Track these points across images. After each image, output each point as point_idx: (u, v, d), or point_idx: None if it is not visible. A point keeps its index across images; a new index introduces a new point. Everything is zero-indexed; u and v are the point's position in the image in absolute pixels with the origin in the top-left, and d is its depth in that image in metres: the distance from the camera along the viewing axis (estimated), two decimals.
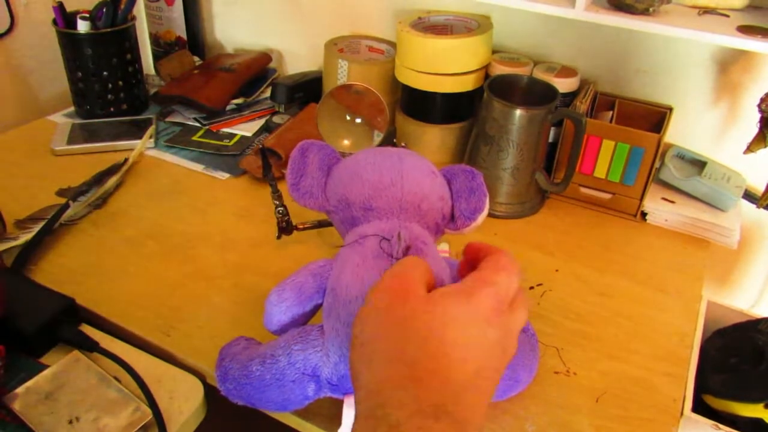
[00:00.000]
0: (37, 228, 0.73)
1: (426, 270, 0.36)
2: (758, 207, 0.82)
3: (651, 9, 0.74)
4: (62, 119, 1.03)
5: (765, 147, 0.76)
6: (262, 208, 0.82)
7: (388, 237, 0.47)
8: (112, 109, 1.02)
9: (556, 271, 0.75)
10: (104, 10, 0.96)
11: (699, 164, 0.87)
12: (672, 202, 0.85)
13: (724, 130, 0.88)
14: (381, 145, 0.90)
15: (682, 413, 0.58)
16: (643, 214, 0.85)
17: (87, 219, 0.79)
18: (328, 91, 0.91)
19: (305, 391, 0.47)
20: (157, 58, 1.20)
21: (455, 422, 0.30)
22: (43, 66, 1.08)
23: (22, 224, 0.75)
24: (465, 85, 0.88)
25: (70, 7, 0.96)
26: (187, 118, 1.04)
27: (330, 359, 0.45)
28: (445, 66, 0.86)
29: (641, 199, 0.83)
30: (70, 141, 0.94)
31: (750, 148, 0.78)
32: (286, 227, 0.74)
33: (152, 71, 1.20)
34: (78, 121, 1.01)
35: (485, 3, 0.85)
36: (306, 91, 1.06)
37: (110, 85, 1.00)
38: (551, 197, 0.89)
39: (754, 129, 0.77)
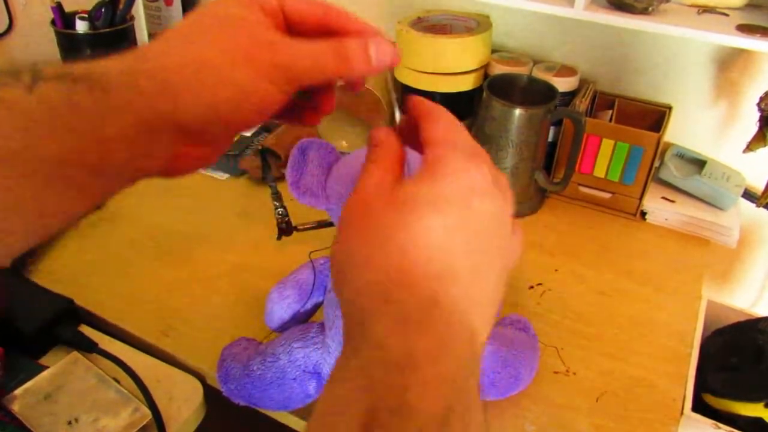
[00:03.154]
0: None
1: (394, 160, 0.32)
2: (758, 206, 0.82)
3: (650, 8, 0.74)
4: None
5: (764, 146, 0.76)
6: (262, 208, 0.82)
7: None
8: None
9: (556, 270, 0.75)
10: (103, 10, 0.96)
11: (698, 163, 0.87)
12: (671, 201, 0.84)
13: (723, 129, 0.88)
14: None
15: (682, 412, 0.58)
16: (643, 214, 0.84)
17: (86, 220, 0.79)
18: None
19: (306, 389, 0.47)
20: None
21: (448, 313, 0.26)
22: None
23: None
24: (464, 84, 0.88)
25: (68, 8, 0.96)
26: None
27: (331, 356, 0.45)
28: (444, 65, 0.86)
29: (641, 198, 0.83)
30: None
31: (749, 147, 0.78)
32: (285, 228, 0.74)
33: None
34: None
35: (485, 2, 0.85)
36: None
37: None
38: (551, 196, 0.89)
39: (753, 128, 0.77)
